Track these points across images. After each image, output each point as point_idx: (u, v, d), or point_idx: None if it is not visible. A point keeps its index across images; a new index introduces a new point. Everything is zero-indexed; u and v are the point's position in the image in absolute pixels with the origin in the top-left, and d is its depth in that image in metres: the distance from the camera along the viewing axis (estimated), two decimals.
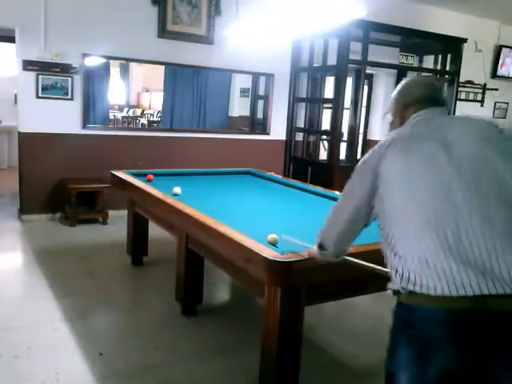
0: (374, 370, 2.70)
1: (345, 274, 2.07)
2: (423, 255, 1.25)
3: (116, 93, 11.57)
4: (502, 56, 7.83)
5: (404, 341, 1.33)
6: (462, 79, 6.93)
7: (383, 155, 1.37)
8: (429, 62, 6.91)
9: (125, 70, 11.91)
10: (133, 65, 11.05)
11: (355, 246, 1.89)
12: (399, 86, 1.58)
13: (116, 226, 5.01)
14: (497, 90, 8.00)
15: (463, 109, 7.22)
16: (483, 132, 1.36)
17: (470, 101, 7.77)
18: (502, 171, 1.28)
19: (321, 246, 1.67)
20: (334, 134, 5.94)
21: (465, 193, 1.26)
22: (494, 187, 1.27)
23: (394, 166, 1.35)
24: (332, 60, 5.86)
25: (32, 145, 5.15)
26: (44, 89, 5.06)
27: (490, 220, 1.23)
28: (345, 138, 6.37)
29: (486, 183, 1.27)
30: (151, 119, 11.09)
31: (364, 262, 1.88)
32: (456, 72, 6.63)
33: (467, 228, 1.23)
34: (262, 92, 6.95)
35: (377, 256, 1.57)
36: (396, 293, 1.35)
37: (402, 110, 1.52)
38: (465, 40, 6.53)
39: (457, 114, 6.71)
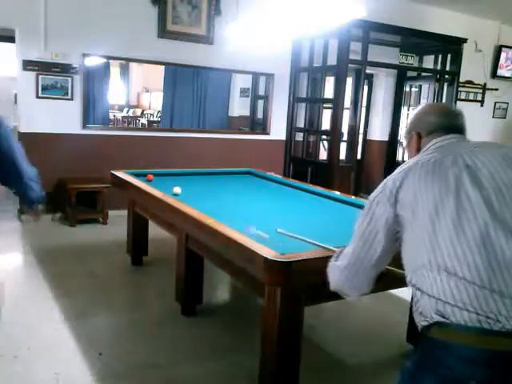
0: (374, 370, 2.70)
1: None
2: (460, 283, 1.16)
3: (116, 93, 11.56)
4: (501, 56, 7.83)
5: (432, 381, 1.22)
6: (462, 79, 6.93)
7: (404, 180, 1.30)
8: (429, 62, 6.90)
9: (125, 70, 11.91)
10: (133, 65, 11.05)
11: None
12: (417, 112, 1.51)
13: (116, 226, 5.00)
14: (497, 89, 8.00)
15: (463, 109, 7.20)
16: (509, 158, 1.29)
17: (470, 101, 7.77)
18: None
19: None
20: (334, 134, 5.94)
21: (496, 223, 1.18)
22: None
23: (417, 191, 1.26)
24: (332, 60, 5.86)
25: (32, 145, 5.12)
26: (44, 89, 5.06)
27: None
28: (345, 137, 6.37)
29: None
30: (151, 119, 11.10)
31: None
32: (456, 72, 6.63)
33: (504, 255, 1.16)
34: (262, 92, 6.95)
35: None
36: (426, 327, 1.24)
37: (419, 137, 1.46)
38: (465, 40, 6.53)
39: None
